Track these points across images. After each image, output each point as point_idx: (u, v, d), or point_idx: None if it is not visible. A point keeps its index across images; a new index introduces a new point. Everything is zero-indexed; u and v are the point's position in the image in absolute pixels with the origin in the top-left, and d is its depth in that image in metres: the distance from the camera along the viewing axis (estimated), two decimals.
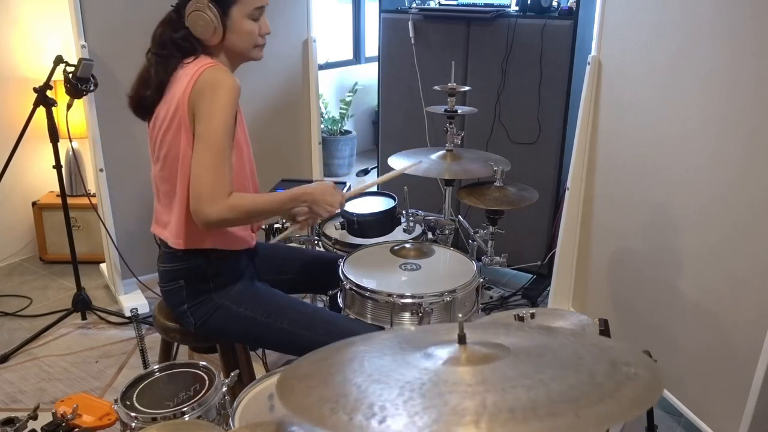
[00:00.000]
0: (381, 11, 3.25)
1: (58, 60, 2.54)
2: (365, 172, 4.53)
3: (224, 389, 1.40)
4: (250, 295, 1.71)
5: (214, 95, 1.51)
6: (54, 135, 2.66)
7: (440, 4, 3.17)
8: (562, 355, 0.90)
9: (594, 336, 1.00)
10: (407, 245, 1.99)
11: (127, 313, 2.86)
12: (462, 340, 0.93)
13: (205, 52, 1.61)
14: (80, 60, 2.50)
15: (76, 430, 1.39)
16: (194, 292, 1.68)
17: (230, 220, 1.54)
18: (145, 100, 1.63)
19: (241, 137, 1.65)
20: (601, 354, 0.90)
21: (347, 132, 5.30)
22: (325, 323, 1.70)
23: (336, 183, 2.39)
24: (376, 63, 3.39)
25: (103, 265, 3.22)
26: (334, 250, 2.20)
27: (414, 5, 3.21)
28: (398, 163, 2.21)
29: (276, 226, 2.27)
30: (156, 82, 1.60)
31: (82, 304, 2.90)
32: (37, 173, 3.48)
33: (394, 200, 2.20)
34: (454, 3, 3.11)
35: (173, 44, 1.60)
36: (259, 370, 2.03)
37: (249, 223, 1.71)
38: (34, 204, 3.39)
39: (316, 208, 1.65)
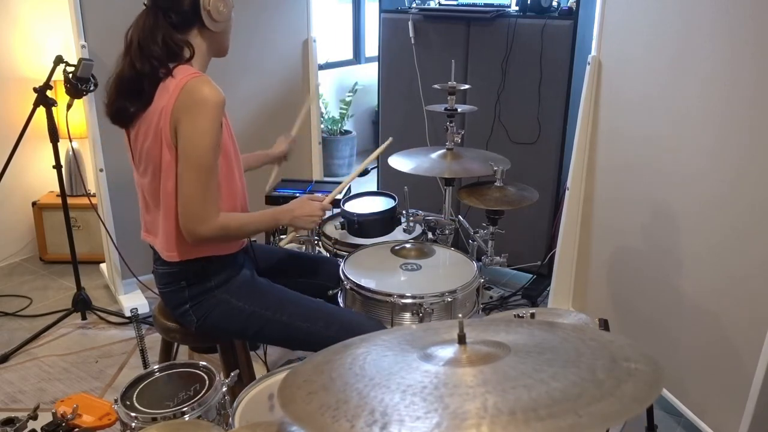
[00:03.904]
0: (381, 11, 3.25)
1: (58, 60, 2.54)
2: (365, 172, 4.53)
3: (224, 389, 1.40)
4: (250, 289, 1.72)
5: (199, 113, 1.48)
6: (54, 135, 2.66)
7: (440, 4, 3.17)
8: (563, 352, 0.90)
9: (593, 330, 1.00)
10: (407, 245, 1.99)
11: (127, 313, 2.86)
12: (462, 340, 0.93)
13: (189, 57, 1.57)
14: (80, 60, 2.50)
15: (76, 430, 1.39)
16: (197, 291, 1.67)
17: (219, 238, 1.60)
18: (126, 111, 1.56)
19: (228, 141, 1.63)
20: (601, 349, 0.90)
21: (347, 132, 5.30)
22: (325, 316, 1.70)
23: (330, 182, 2.41)
24: (376, 63, 3.39)
25: (103, 265, 3.22)
26: (334, 250, 2.20)
27: (414, 5, 3.21)
28: (397, 162, 2.21)
29: None
30: (146, 96, 1.53)
31: (82, 304, 2.90)
32: (37, 173, 3.48)
33: (394, 200, 2.20)
34: (454, 3, 3.10)
35: (165, 49, 1.53)
36: (259, 370, 2.03)
37: (237, 239, 1.71)
38: (34, 204, 3.39)
39: (297, 222, 1.73)
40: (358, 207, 2.12)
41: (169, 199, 1.57)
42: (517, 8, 2.96)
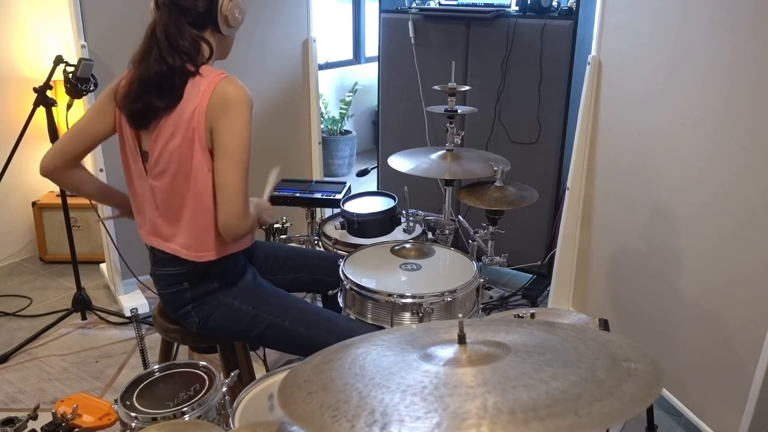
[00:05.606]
0: (381, 11, 3.25)
1: (58, 60, 2.54)
2: (365, 172, 4.53)
3: (224, 389, 1.40)
4: (253, 292, 1.72)
5: (235, 111, 1.51)
6: (54, 135, 2.66)
7: (440, 4, 3.17)
8: (563, 352, 0.90)
9: (593, 330, 1.00)
10: (407, 245, 1.99)
11: (127, 313, 2.86)
12: (462, 340, 0.93)
13: (208, 57, 1.59)
14: (80, 60, 2.50)
15: (76, 430, 1.39)
16: (199, 292, 1.67)
17: (252, 230, 1.66)
18: (154, 108, 1.53)
19: None
20: (601, 349, 0.90)
21: (347, 132, 5.30)
22: (326, 323, 1.70)
23: (336, 183, 2.41)
24: (376, 63, 3.39)
25: (103, 265, 3.22)
26: (334, 250, 2.20)
27: (414, 5, 3.21)
28: (397, 162, 2.20)
29: (276, 225, 2.27)
30: (177, 91, 1.52)
31: (82, 304, 2.90)
32: (37, 173, 3.46)
33: (394, 200, 2.20)
34: (454, 3, 3.10)
35: (191, 44, 1.55)
36: (259, 370, 2.03)
37: None
38: (34, 204, 3.39)
39: (263, 217, 1.80)
40: (358, 207, 2.12)
41: (200, 198, 1.57)
42: (517, 8, 2.96)
